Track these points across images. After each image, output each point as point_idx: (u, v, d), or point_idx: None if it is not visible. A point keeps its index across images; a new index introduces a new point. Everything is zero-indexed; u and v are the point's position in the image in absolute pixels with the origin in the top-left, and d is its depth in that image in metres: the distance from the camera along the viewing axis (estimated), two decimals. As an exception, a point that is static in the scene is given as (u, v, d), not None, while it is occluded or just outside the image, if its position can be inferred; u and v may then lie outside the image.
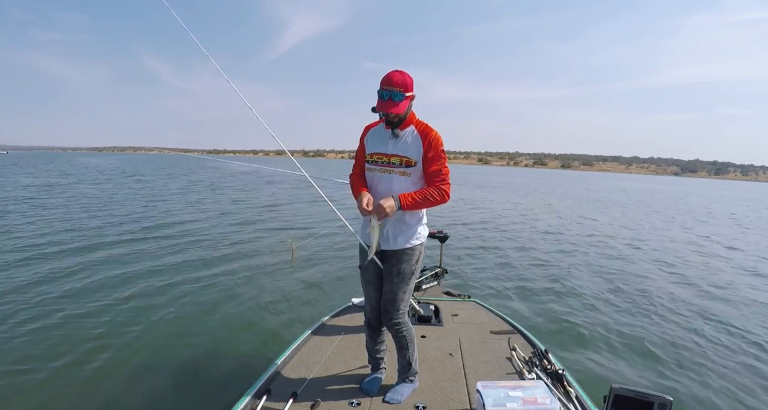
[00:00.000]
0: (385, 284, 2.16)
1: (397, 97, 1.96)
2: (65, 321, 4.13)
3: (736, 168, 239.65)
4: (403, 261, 2.12)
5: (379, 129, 2.16)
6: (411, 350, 2.20)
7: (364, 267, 2.20)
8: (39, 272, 5.60)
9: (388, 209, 1.93)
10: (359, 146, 2.24)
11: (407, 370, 2.22)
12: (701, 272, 7.50)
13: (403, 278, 2.12)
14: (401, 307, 2.14)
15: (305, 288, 5.47)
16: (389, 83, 1.96)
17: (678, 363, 3.82)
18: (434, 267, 4.30)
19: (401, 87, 1.96)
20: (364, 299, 2.29)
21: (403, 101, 1.98)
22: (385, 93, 1.97)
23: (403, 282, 2.12)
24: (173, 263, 6.37)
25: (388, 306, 2.13)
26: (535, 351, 2.64)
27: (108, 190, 17.66)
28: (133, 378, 3.21)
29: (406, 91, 1.97)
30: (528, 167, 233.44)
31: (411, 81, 2.00)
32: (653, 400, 1.70)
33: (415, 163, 2.06)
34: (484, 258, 7.65)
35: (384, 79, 1.98)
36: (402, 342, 2.19)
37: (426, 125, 2.09)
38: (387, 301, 2.13)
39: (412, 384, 2.23)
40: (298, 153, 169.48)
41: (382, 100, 1.98)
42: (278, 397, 2.10)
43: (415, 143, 2.05)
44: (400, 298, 2.12)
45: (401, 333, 2.16)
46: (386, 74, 1.99)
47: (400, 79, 1.96)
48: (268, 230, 9.66)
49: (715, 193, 45.34)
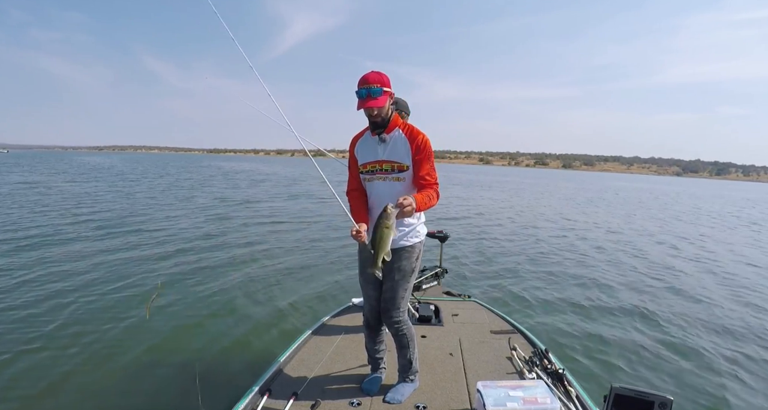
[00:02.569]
0: (384, 282, 2.15)
1: (375, 92, 1.96)
2: (65, 321, 4.14)
3: (737, 169, 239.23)
4: (403, 259, 2.12)
5: (366, 138, 2.16)
6: (411, 349, 2.20)
7: (364, 266, 2.19)
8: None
9: (409, 208, 1.85)
10: (350, 158, 2.24)
11: (408, 369, 2.22)
12: (702, 271, 7.49)
13: (403, 276, 2.12)
14: (401, 305, 2.14)
15: (305, 288, 5.46)
16: (365, 82, 1.97)
17: (678, 362, 3.81)
18: (434, 267, 4.30)
19: (378, 83, 1.97)
20: (363, 298, 2.29)
21: (382, 96, 1.98)
22: (363, 91, 1.97)
23: (403, 280, 2.12)
24: (173, 263, 6.37)
25: (389, 304, 2.13)
26: (535, 350, 2.64)
27: (90, 187, 17.68)
28: (133, 378, 3.21)
29: (383, 87, 1.98)
30: (529, 167, 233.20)
31: (387, 79, 2.01)
32: (654, 399, 1.69)
33: (407, 167, 2.07)
34: (485, 258, 7.65)
35: (360, 80, 2.00)
36: (402, 340, 2.18)
37: (412, 127, 2.09)
38: (387, 299, 2.13)
39: (413, 384, 2.22)
40: (299, 153, 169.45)
41: (361, 98, 1.99)
42: (279, 397, 2.10)
43: (404, 146, 2.06)
44: (400, 296, 2.12)
45: (401, 331, 2.16)
46: (361, 76, 2.01)
47: (375, 77, 1.98)
48: (270, 230, 9.66)
49: (712, 193, 45.25)
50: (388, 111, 2.05)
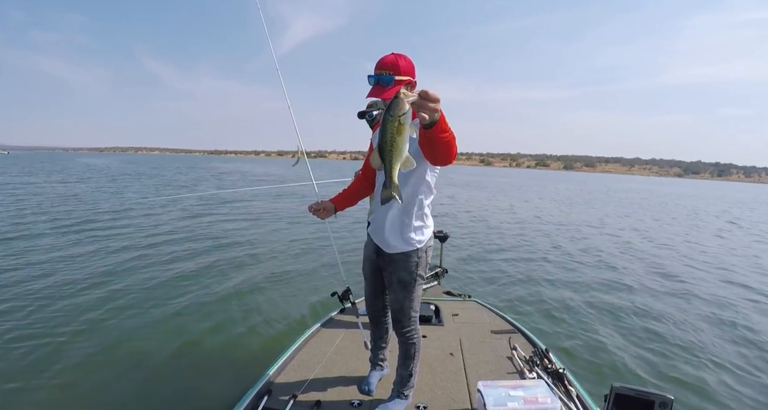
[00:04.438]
0: (389, 292, 2.02)
1: (384, 80, 1.68)
2: (63, 320, 4.15)
3: (738, 170, 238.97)
4: (401, 269, 1.90)
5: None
6: (416, 360, 2.06)
7: (364, 258, 2.14)
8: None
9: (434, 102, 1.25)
10: (370, 143, 2.09)
11: (406, 382, 2.06)
12: (703, 273, 7.48)
13: (405, 287, 1.92)
14: (411, 314, 1.99)
15: (305, 287, 5.46)
16: (379, 66, 1.70)
17: (679, 362, 3.80)
18: (434, 267, 4.30)
19: (390, 69, 1.68)
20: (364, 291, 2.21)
21: (393, 86, 1.67)
22: (372, 78, 1.70)
23: (406, 291, 1.93)
24: (173, 262, 6.38)
25: (398, 315, 1.99)
26: (535, 350, 2.64)
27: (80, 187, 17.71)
28: (132, 379, 3.20)
29: (396, 74, 1.68)
30: (530, 168, 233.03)
31: (406, 64, 1.71)
32: (654, 399, 1.69)
33: None
34: (485, 258, 7.64)
35: (376, 63, 1.72)
36: (410, 350, 2.04)
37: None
38: (395, 310, 2.00)
39: (406, 401, 2.06)
40: (300, 154, 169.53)
41: (371, 86, 1.73)
42: (279, 398, 2.10)
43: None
44: (407, 306, 1.97)
45: (411, 340, 2.03)
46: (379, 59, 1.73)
47: (390, 60, 1.69)
48: (270, 230, 9.66)
49: (711, 194, 45.21)
50: None
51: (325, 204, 2.06)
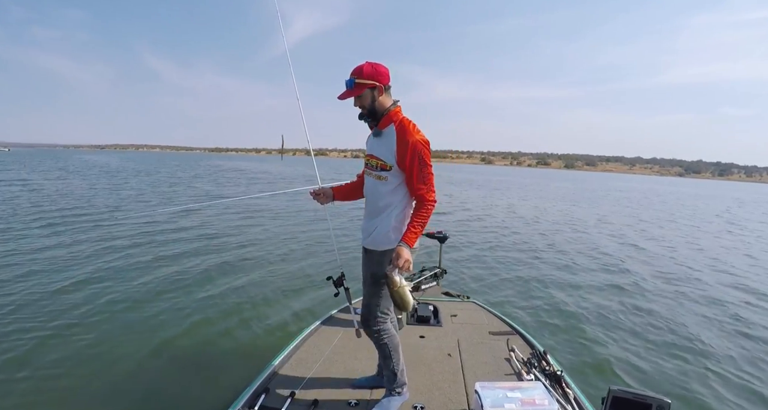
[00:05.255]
0: (363, 289, 2.11)
1: (348, 84, 1.91)
2: (63, 320, 4.15)
3: (740, 170, 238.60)
4: (375, 263, 2.02)
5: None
6: (395, 359, 2.07)
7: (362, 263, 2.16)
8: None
9: (406, 262, 1.80)
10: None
11: (392, 381, 2.09)
12: (704, 274, 7.47)
13: (375, 282, 2.02)
14: (377, 313, 2.03)
15: (304, 287, 5.46)
16: (351, 72, 1.93)
17: (677, 365, 3.80)
18: (433, 267, 4.29)
19: (355, 74, 1.89)
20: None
21: (353, 88, 1.90)
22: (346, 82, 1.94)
23: (375, 287, 2.02)
24: (172, 262, 6.39)
25: (365, 313, 2.06)
26: (533, 352, 2.63)
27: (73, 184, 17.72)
28: (130, 377, 3.20)
29: (358, 78, 1.89)
30: (531, 167, 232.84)
31: (371, 69, 1.89)
32: (651, 402, 1.69)
33: (390, 167, 1.92)
34: (484, 258, 7.63)
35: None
36: (384, 350, 2.07)
37: (407, 127, 1.91)
38: (363, 307, 2.08)
39: (401, 397, 2.09)
40: (300, 151, 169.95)
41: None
42: (277, 396, 2.11)
43: (391, 144, 1.91)
44: (374, 303, 2.03)
45: (382, 340, 2.05)
46: None
47: (357, 67, 1.91)
48: (271, 230, 9.66)
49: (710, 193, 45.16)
50: (372, 104, 1.92)
51: (325, 190, 2.27)
